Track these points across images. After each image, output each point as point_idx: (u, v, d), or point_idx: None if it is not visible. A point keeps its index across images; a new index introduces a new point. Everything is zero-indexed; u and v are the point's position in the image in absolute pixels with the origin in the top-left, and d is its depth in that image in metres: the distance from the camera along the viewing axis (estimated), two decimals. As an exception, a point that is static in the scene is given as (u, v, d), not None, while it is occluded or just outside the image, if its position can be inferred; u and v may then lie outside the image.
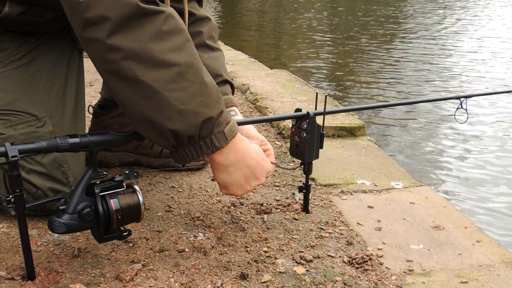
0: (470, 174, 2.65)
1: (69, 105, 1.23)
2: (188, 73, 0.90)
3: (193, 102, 0.91)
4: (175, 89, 0.89)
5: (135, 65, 0.86)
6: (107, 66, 0.88)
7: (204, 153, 0.96)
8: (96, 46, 0.86)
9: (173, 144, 0.94)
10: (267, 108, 2.26)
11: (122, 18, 0.84)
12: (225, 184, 1.06)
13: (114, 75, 0.88)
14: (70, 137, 0.91)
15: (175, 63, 0.89)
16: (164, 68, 0.87)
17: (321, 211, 1.36)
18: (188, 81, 0.90)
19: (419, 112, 3.65)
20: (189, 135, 0.92)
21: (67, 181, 1.18)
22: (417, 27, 7.88)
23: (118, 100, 0.93)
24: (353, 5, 11.23)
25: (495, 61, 5.39)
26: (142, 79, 0.86)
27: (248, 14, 10.64)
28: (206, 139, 0.95)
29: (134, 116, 0.92)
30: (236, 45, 5.12)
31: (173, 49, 0.89)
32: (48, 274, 1.01)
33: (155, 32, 0.87)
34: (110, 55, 0.86)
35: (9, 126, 1.13)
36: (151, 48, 0.86)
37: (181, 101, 0.89)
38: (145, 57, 0.86)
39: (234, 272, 1.07)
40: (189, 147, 0.95)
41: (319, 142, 1.27)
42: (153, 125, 0.91)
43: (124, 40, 0.85)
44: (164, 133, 0.92)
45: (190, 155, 0.96)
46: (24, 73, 1.17)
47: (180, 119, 0.90)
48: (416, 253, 1.18)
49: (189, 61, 0.91)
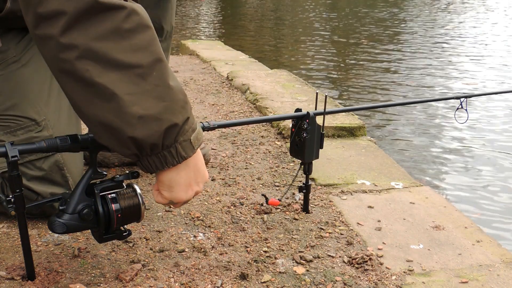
0: (470, 174, 2.65)
1: (66, 105, 1.22)
2: (150, 76, 0.82)
3: (156, 107, 0.82)
4: (135, 93, 0.81)
5: (91, 65, 0.78)
6: (61, 66, 0.80)
7: (169, 163, 0.88)
8: (50, 43, 0.79)
9: (135, 153, 0.86)
10: (267, 108, 2.26)
11: (78, 13, 0.77)
12: (171, 183, 0.92)
13: (68, 75, 0.80)
14: (71, 137, 0.91)
15: (136, 64, 0.81)
16: (123, 69, 0.80)
17: (321, 211, 1.36)
18: (151, 84, 0.82)
19: (419, 112, 3.65)
20: (152, 143, 0.84)
21: (66, 183, 1.18)
22: (418, 27, 7.88)
23: (73, 104, 0.85)
24: (353, 5, 11.23)
25: (495, 61, 5.39)
26: (99, 80, 0.79)
27: (248, 14, 10.64)
28: (171, 148, 0.86)
29: (91, 121, 0.84)
30: (236, 45, 5.12)
31: (135, 49, 0.81)
32: (48, 274, 1.01)
33: (114, 29, 0.79)
34: (64, 54, 0.78)
35: (8, 132, 1.13)
36: (109, 47, 0.79)
37: (142, 106, 0.81)
38: (102, 56, 0.78)
39: (234, 272, 1.07)
40: (152, 157, 0.86)
41: (319, 142, 1.27)
42: (112, 132, 0.83)
43: (79, 37, 0.77)
44: (124, 141, 0.83)
45: (154, 166, 0.88)
46: (23, 76, 1.16)
47: (141, 125, 0.82)
48: (416, 253, 1.18)
49: (152, 62, 0.83)
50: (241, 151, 1.79)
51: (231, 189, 1.48)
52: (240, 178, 1.56)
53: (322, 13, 10.09)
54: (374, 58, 5.55)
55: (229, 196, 1.43)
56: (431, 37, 6.88)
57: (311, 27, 8.18)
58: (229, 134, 1.97)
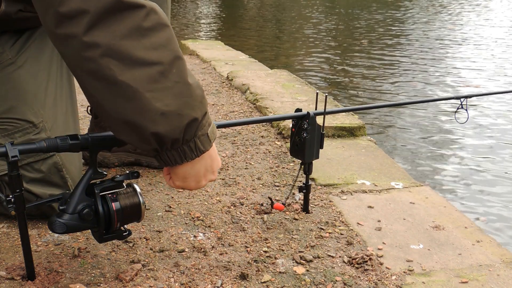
0: (470, 174, 2.65)
1: (63, 106, 1.22)
2: (170, 73, 0.84)
3: (177, 104, 0.85)
4: (157, 90, 0.83)
5: (114, 63, 0.80)
6: (84, 65, 0.82)
7: (188, 157, 0.91)
8: (72, 43, 0.80)
9: (155, 148, 0.89)
10: (267, 108, 2.26)
11: (100, 11, 0.78)
12: (185, 175, 0.96)
13: (91, 74, 0.82)
14: (71, 137, 0.91)
15: (157, 61, 0.83)
16: (145, 67, 0.82)
17: (321, 211, 1.36)
18: (171, 80, 0.85)
19: (420, 112, 3.65)
20: (173, 138, 0.87)
21: (65, 185, 1.18)
22: (418, 27, 7.88)
23: (95, 103, 0.87)
24: (354, 6, 11.23)
25: (496, 61, 5.39)
26: (122, 78, 0.81)
27: (248, 14, 10.64)
28: (190, 142, 0.89)
29: (113, 119, 0.86)
30: (236, 45, 5.12)
31: (155, 47, 0.83)
32: (48, 274, 1.01)
33: (135, 28, 0.81)
34: (87, 53, 0.80)
35: (6, 135, 1.12)
36: (131, 45, 0.81)
37: (163, 103, 0.84)
38: (125, 55, 0.80)
39: (234, 272, 1.07)
40: (172, 151, 0.89)
41: (319, 142, 1.27)
42: (134, 129, 0.85)
43: (102, 36, 0.79)
44: (146, 137, 0.86)
45: (173, 160, 0.91)
46: (19, 78, 1.15)
47: (163, 121, 0.84)
48: (416, 253, 1.18)
49: (172, 60, 0.85)
50: (241, 151, 1.79)
51: (231, 189, 1.48)
52: (240, 178, 1.56)
53: (323, 13, 10.10)
54: (374, 58, 5.55)
55: (229, 196, 1.43)
56: (431, 38, 6.88)
57: (311, 27, 8.19)
58: (229, 134, 1.97)
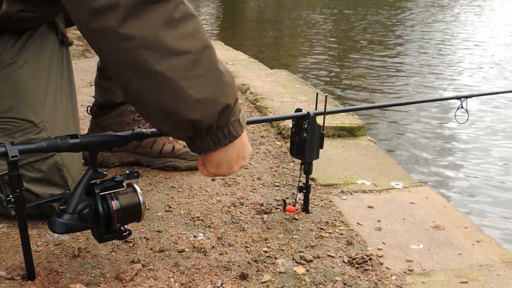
0: (470, 174, 2.65)
1: (63, 105, 1.22)
2: (202, 61, 0.87)
3: (211, 91, 0.88)
4: (191, 78, 0.86)
5: (149, 54, 0.83)
6: (119, 58, 0.84)
7: (222, 143, 0.94)
8: (107, 36, 0.82)
9: (190, 136, 0.92)
10: (267, 108, 2.26)
11: (132, 4, 0.81)
12: (219, 162, 1.00)
13: (127, 66, 0.85)
14: (71, 137, 0.91)
15: (189, 50, 0.86)
16: (178, 56, 0.85)
17: (321, 211, 1.36)
18: (203, 68, 0.88)
19: (419, 112, 3.65)
20: (208, 124, 0.90)
21: (66, 184, 1.18)
22: (419, 28, 7.88)
23: (131, 95, 0.89)
24: (354, 6, 11.23)
25: (496, 61, 5.39)
26: (157, 69, 0.84)
27: (248, 14, 10.64)
28: (224, 128, 0.93)
29: (150, 109, 0.89)
30: (236, 45, 5.12)
31: (186, 36, 0.86)
32: (48, 274, 1.01)
33: (167, 19, 0.84)
34: (122, 45, 0.82)
35: (6, 135, 1.12)
36: (164, 36, 0.83)
37: (198, 90, 0.87)
38: (158, 45, 0.83)
39: (234, 272, 1.07)
40: (207, 138, 0.93)
41: (319, 142, 1.27)
42: (170, 117, 0.89)
43: (136, 28, 0.82)
44: (182, 124, 0.89)
45: (208, 146, 0.94)
46: (19, 77, 1.15)
47: (199, 108, 0.88)
48: (416, 253, 1.18)
49: (203, 48, 0.88)
50: (241, 151, 1.79)
51: (231, 189, 1.48)
52: (240, 178, 1.56)
53: (323, 13, 10.09)
54: (374, 58, 5.55)
55: (229, 196, 1.43)
56: (431, 38, 6.88)
57: (312, 27, 8.18)
58: (229, 134, 1.97)
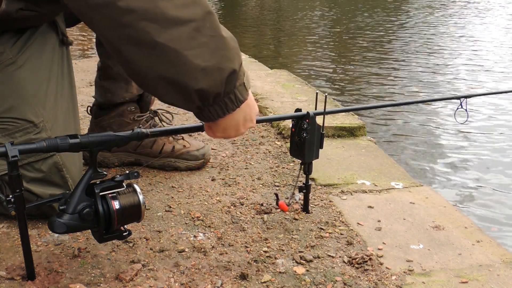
0: (470, 174, 2.65)
1: (63, 105, 1.21)
2: (204, 28, 0.86)
3: (215, 58, 0.87)
4: (194, 47, 0.85)
5: (151, 26, 0.82)
6: (121, 32, 0.83)
7: (230, 109, 0.94)
8: (108, 10, 0.81)
9: (198, 106, 0.91)
10: (267, 108, 2.26)
11: None
12: (226, 126, 0.99)
13: (130, 41, 0.83)
14: (71, 137, 0.91)
15: (191, 19, 0.84)
16: (180, 26, 0.83)
17: (321, 211, 1.36)
18: (206, 36, 0.86)
19: (419, 112, 3.65)
20: (216, 92, 0.89)
21: (66, 184, 1.18)
22: (419, 28, 7.88)
23: (136, 72, 0.88)
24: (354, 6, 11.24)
25: (495, 61, 5.39)
26: (160, 40, 0.82)
27: (248, 14, 10.64)
28: (230, 94, 0.92)
29: (155, 83, 0.88)
30: (236, 45, 5.11)
31: (186, 4, 0.84)
32: (48, 274, 1.01)
33: None
34: (123, 18, 0.81)
35: (6, 135, 1.12)
36: (163, 6, 0.82)
37: (203, 58, 0.85)
38: (160, 16, 0.82)
39: (234, 272, 1.07)
40: (214, 106, 0.92)
41: (319, 142, 1.27)
42: (178, 89, 0.87)
43: (136, 0, 0.81)
44: (190, 95, 0.88)
45: (216, 114, 0.93)
46: (19, 77, 1.15)
47: (205, 77, 0.86)
48: (416, 253, 1.18)
49: (204, 15, 0.86)
50: (241, 151, 1.79)
51: (231, 189, 1.48)
52: (240, 178, 1.56)
53: (323, 13, 10.10)
54: (374, 58, 5.55)
55: (229, 196, 1.43)
56: (431, 38, 6.88)
57: (312, 27, 8.19)
58: (229, 134, 1.97)
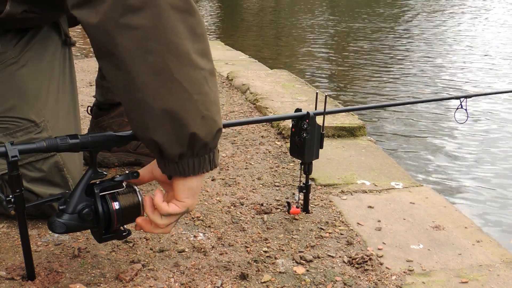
0: (470, 174, 2.65)
1: (64, 105, 1.22)
2: (211, 81, 0.89)
3: (213, 109, 0.89)
4: (201, 93, 0.87)
5: (173, 60, 0.83)
6: (143, 57, 0.83)
7: (204, 168, 0.92)
8: (136, 34, 0.81)
9: (181, 152, 0.88)
10: (267, 108, 2.26)
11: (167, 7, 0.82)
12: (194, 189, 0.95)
13: (149, 66, 0.83)
14: (71, 137, 0.91)
15: (204, 67, 0.87)
16: (196, 69, 0.86)
17: (321, 211, 1.36)
18: (210, 88, 0.89)
19: (419, 112, 3.65)
20: (205, 142, 0.89)
21: (66, 184, 1.18)
22: (419, 28, 7.88)
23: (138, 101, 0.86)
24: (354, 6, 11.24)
25: (495, 61, 5.39)
26: (177, 76, 0.84)
27: (248, 14, 10.64)
28: (210, 153, 0.92)
29: (155, 116, 0.86)
30: (236, 45, 5.12)
31: (203, 54, 0.88)
32: (48, 274, 1.01)
33: (192, 31, 0.85)
34: (150, 44, 0.82)
35: (8, 134, 1.12)
36: (188, 46, 0.85)
37: (205, 106, 0.87)
38: (183, 53, 0.84)
39: (234, 272, 1.07)
40: (194, 159, 0.90)
41: (319, 142, 1.27)
42: (177, 126, 0.86)
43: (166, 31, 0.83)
44: (184, 136, 0.87)
45: (192, 169, 0.91)
46: (21, 77, 1.15)
47: (203, 123, 0.88)
48: (416, 253, 1.18)
49: (212, 69, 0.90)
50: (241, 151, 1.79)
51: (231, 189, 1.48)
52: (240, 178, 1.56)
53: (323, 13, 10.10)
54: (374, 58, 5.55)
55: (229, 196, 1.43)
56: (431, 38, 6.88)
57: (312, 27, 8.18)
58: (229, 134, 1.97)
